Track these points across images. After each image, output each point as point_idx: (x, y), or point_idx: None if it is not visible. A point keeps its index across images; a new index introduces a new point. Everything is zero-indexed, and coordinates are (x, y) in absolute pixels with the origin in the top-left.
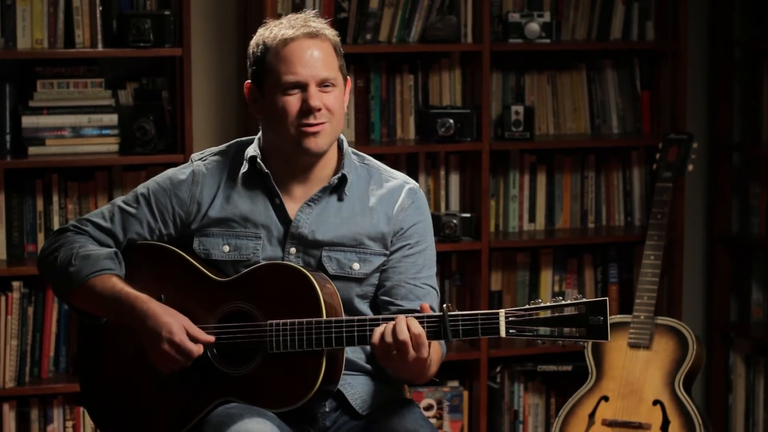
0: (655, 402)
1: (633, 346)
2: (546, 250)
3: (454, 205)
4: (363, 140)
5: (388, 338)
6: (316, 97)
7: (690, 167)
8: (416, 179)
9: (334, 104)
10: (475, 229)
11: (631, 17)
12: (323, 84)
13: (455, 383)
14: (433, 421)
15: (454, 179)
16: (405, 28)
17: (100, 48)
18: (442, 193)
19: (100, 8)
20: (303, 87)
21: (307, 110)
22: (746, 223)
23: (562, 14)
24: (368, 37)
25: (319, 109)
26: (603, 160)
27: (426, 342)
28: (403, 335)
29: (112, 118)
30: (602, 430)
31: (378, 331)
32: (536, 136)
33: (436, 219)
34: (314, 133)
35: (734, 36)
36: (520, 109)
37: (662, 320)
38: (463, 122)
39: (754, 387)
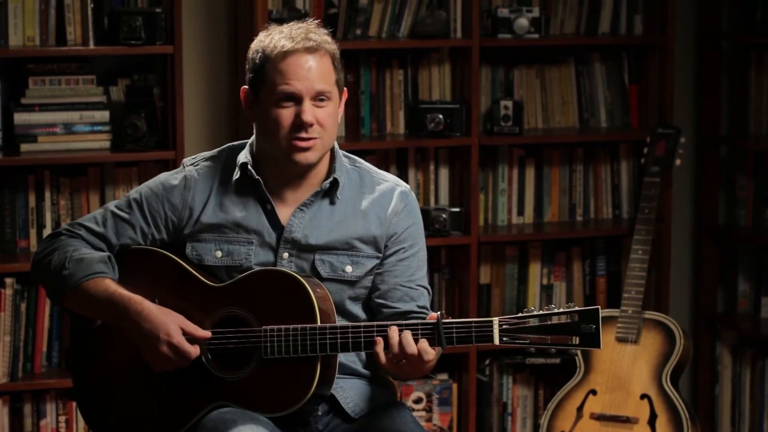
0: (643, 396)
1: (621, 340)
2: (534, 243)
3: (444, 200)
4: (353, 135)
5: (395, 349)
6: (309, 112)
7: (678, 162)
8: (406, 174)
9: (326, 119)
10: (464, 224)
11: (619, 11)
12: (318, 97)
13: (444, 376)
14: (422, 414)
15: (444, 174)
16: (395, 24)
17: (91, 45)
18: (432, 187)
19: (92, 5)
20: (297, 100)
21: (299, 125)
22: (733, 215)
23: (550, 9)
24: (358, 32)
25: (312, 125)
26: (591, 153)
27: (431, 349)
28: (411, 348)
29: (104, 115)
30: (590, 423)
31: (381, 349)
32: (525, 130)
33: (426, 213)
34: (304, 148)
35: (722, 30)
36: (509, 103)
37: (650, 315)
38: (452, 117)
39: (741, 378)
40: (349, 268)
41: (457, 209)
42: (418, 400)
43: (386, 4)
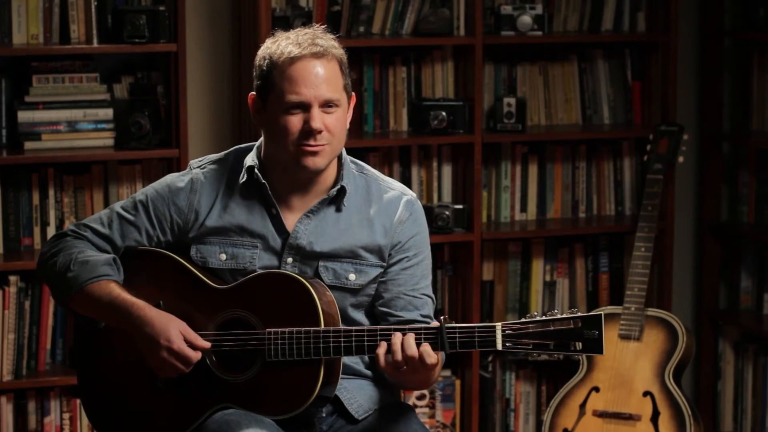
0: (645, 393)
1: (623, 337)
2: (537, 240)
3: (447, 197)
4: (356, 132)
5: (398, 356)
6: (317, 119)
7: (680, 159)
8: (409, 171)
9: (335, 126)
10: (467, 221)
11: (622, 8)
12: (326, 104)
13: (447, 373)
14: (425, 410)
15: (447, 171)
16: (398, 21)
17: (95, 44)
18: (435, 184)
19: (95, 3)
20: (305, 107)
21: (308, 131)
22: (735, 211)
23: (553, 6)
24: (361, 29)
25: (320, 132)
26: (594, 150)
27: (433, 353)
28: (411, 350)
29: (108, 113)
30: (593, 420)
31: (382, 352)
32: (528, 127)
33: (429, 211)
34: (313, 153)
35: (724, 27)
36: (512, 101)
37: (653, 312)
38: (455, 114)
39: (743, 374)
40: (352, 276)
41: (460, 206)
42: (421, 397)
43: (389, 1)
